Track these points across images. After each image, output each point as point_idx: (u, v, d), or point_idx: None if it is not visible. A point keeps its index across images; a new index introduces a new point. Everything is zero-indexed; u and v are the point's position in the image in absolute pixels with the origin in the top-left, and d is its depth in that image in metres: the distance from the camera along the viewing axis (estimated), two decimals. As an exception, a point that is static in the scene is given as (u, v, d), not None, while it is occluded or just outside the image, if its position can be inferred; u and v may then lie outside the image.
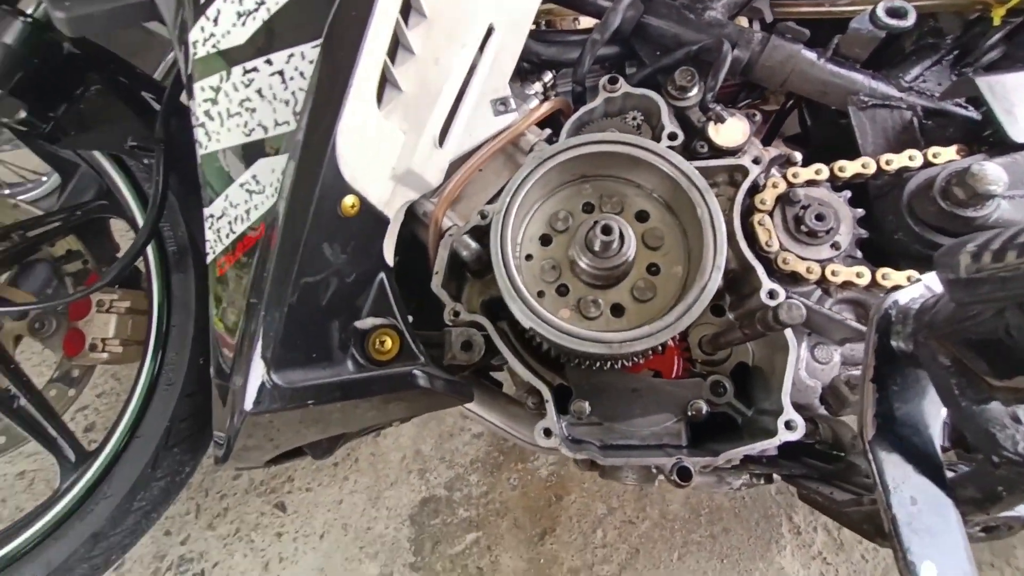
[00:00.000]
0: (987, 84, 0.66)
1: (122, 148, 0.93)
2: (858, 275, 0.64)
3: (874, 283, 0.64)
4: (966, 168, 0.59)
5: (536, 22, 0.94)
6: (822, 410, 0.69)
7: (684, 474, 0.61)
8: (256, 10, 0.58)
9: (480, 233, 0.71)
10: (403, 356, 0.66)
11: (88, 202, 1.06)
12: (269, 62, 0.59)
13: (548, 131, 0.78)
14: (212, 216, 0.64)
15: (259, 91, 0.60)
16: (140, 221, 0.97)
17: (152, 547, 1.36)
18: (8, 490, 1.47)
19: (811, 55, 0.76)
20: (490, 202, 0.75)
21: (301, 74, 0.58)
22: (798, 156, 0.75)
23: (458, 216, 0.76)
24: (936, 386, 0.38)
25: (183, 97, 0.95)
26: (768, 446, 0.61)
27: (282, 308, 0.58)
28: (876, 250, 0.71)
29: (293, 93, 0.59)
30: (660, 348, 0.71)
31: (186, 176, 0.93)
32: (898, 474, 0.41)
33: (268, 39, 0.58)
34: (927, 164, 0.67)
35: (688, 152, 0.76)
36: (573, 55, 0.82)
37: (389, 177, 0.66)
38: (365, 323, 0.66)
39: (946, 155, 0.67)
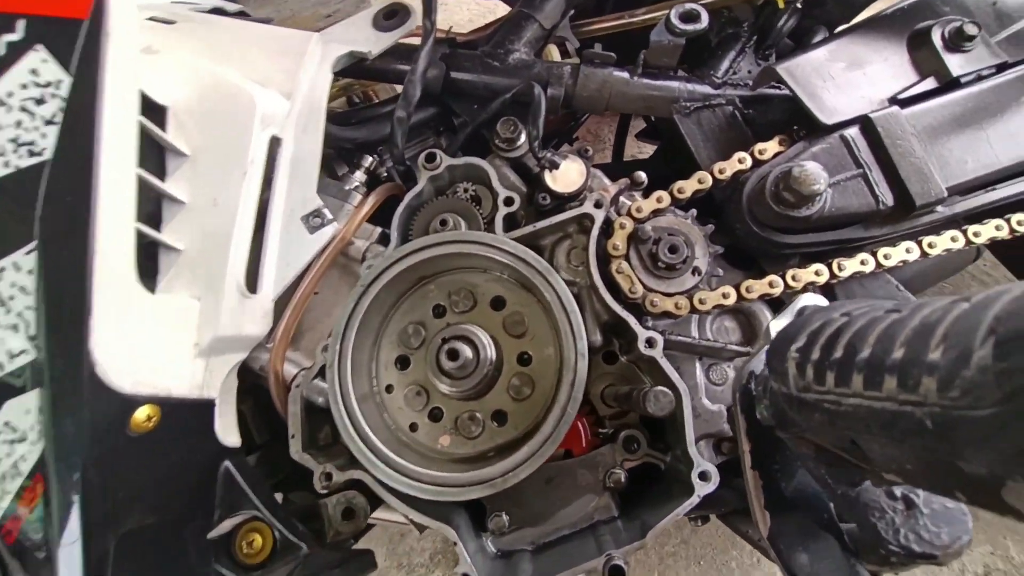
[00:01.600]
0: (787, 71, 0.65)
1: None
2: (724, 296, 0.62)
3: (741, 298, 0.62)
4: (788, 172, 0.58)
5: (334, 109, 0.86)
6: (730, 432, 0.67)
7: (617, 572, 0.56)
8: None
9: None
10: (280, 551, 0.56)
11: None
12: (-20, 283, 0.47)
13: (378, 230, 0.70)
14: None
15: (-21, 319, 0.47)
16: None
17: None
18: None
19: (623, 75, 0.73)
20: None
21: (22, 290, 0.46)
22: (642, 176, 0.72)
23: (303, 355, 0.66)
24: (808, 473, 0.35)
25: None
26: (689, 506, 0.57)
27: (103, 559, 0.47)
28: (740, 255, 0.69)
29: (20, 315, 0.46)
30: (564, 424, 0.65)
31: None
32: (804, 559, 0.37)
33: (-33, 257, 0.46)
34: (757, 162, 0.66)
35: (533, 207, 0.71)
36: (388, 130, 0.74)
37: (194, 357, 0.55)
38: (221, 528, 0.55)
39: (771, 149, 0.66)
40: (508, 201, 0.66)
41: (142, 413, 0.49)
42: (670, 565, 1.25)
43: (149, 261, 0.54)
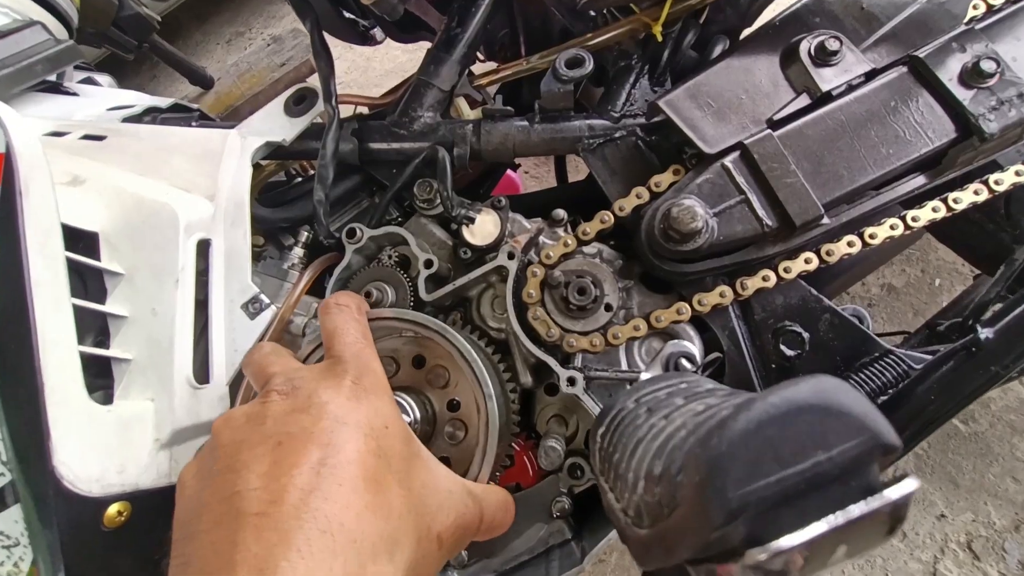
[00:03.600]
0: (668, 104, 0.68)
1: None
2: (635, 328, 0.66)
3: (652, 328, 0.66)
4: (668, 212, 0.61)
5: (271, 182, 0.91)
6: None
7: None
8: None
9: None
10: None
11: None
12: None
13: (315, 305, 0.75)
14: None
15: (-43, 453, 0.54)
16: None
17: None
18: None
19: (523, 124, 0.77)
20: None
21: (-13, 424, 0.52)
22: (561, 213, 0.77)
23: (265, 427, 0.72)
24: None
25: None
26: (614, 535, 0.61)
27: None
28: (659, 281, 0.73)
29: (-9, 444, 0.53)
30: (508, 460, 0.70)
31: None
32: None
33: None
34: (654, 195, 0.69)
35: (457, 261, 0.75)
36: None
37: (157, 450, 0.62)
38: None
39: (666, 180, 0.69)
40: (428, 264, 0.71)
41: (113, 510, 0.56)
42: (603, 550, 1.29)
43: (101, 376, 0.61)
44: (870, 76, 0.66)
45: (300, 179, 0.93)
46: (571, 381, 0.65)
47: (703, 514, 0.25)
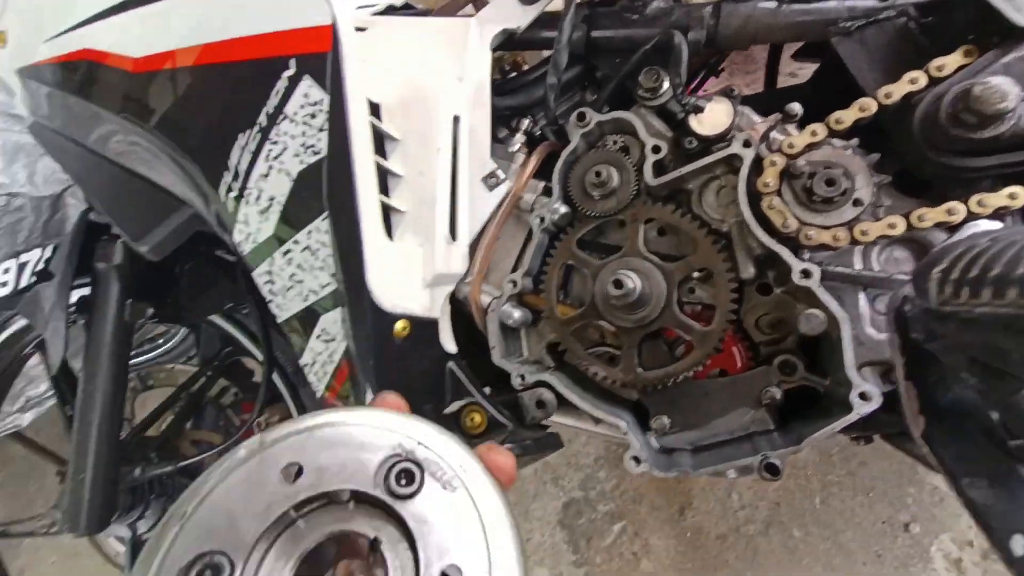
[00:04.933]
0: (976, -34, 0.59)
1: (222, 309, 1.12)
2: (890, 226, 0.62)
3: (911, 227, 0.61)
4: (968, 91, 0.54)
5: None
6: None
7: (772, 469, 0.64)
8: (271, 206, 0.70)
9: (518, 298, 0.78)
10: (492, 427, 0.75)
11: (220, 352, 1.31)
12: (296, 242, 0.70)
13: (542, 184, 0.81)
14: (306, 364, 0.77)
15: (299, 266, 0.71)
16: (259, 355, 1.16)
17: None
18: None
19: (770, 5, 0.72)
20: (515, 266, 0.81)
21: (323, 243, 0.68)
22: (796, 108, 0.72)
23: (494, 287, 0.83)
24: (966, 386, 0.38)
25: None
26: (847, 422, 0.61)
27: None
28: (913, 182, 0.66)
29: (324, 260, 0.69)
30: (717, 348, 0.72)
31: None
32: (962, 459, 0.42)
33: (288, 225, 0.69)
34: (933, 81, 0.62)
35: (681, 151, 0.75)
36: (539, 95, 0.84)
37: (423, 288, 0.75)
38: (451, 407, 0.76)
39: (952, 63, 0.61)
40: (655, 149, 0.72)
41: (400, 325, 0.71)
42: (834, 493, 1.26)
43: (386, 221, 0.74)
44: None
45: (515, 73, 0.99)
46: (806, 273, 0.63)
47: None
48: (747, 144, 0.67)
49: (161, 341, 1.88)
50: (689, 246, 0.73)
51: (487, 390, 0.77)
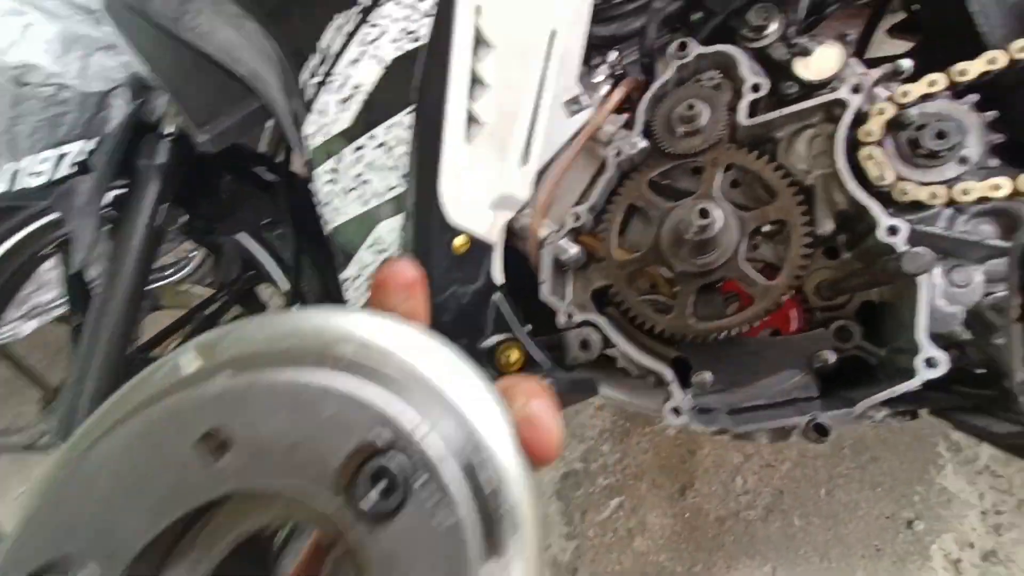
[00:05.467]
0: None
1: (258, 227, 1.08)
2: (994, 187, 0.59)
3: (1017, 192, 0.59)
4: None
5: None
6: (967, 335, 0.66)
7: (821, 430, 0.62)
8: (354, 95, 0.66)
9: (576, 234, 0.75)
10: (529, 365, 0.73)
11: (241, 276, 1.27)
12: (373, 137, 0.67)
13: (623, 117, 0.79)
14: (348, 279, 0.74)
15: (369, 164, 0.68)
16: (281, 284, 1.12)
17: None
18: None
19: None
20: (579, 201, 0.78)
21: (401, 140, 0.65)
22: (907, 64, 0.69)
23: (552, 220, 0.80)
24: None
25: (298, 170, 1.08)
26: (908, 388, 0.60)
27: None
28: (1019, 152, 0.64)
29: (398, 159, 0.66)
30: (779, 303, 0.71)
31: (313, 240, 1.05)
32: None
33: (368, 117, 0.66)
34: (1076, 41, 0.60)
35: (776, 98, 0.73)
36: (634, 26, 0.81)
37: (487, 207, 0.72)
38: (489, 341, 0.73)
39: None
40: (755, 87, 0.70)
41: (460, 239, 0.68)
42: (840, 485, 1.26)
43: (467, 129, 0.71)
44: None
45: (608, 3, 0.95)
46: (892, 230, 0.62)
47: None
48: (856, 89, 0.64)
49: (174, 268, 1.83)
50: (766, 197, 0.71)
51: (528, 327, 0.74)
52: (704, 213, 0.61)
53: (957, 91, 0.63)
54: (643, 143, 0.75)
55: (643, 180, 0.75)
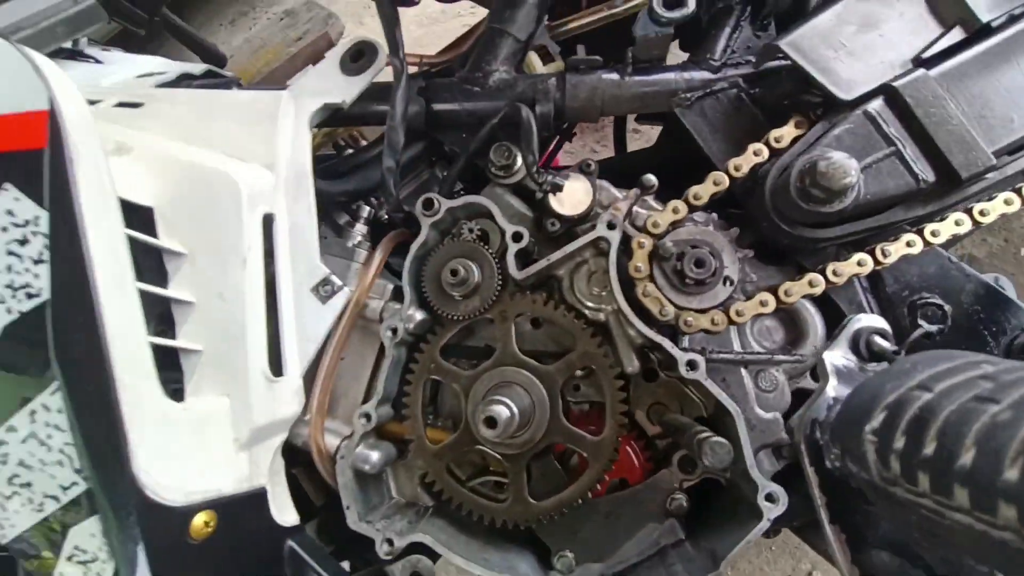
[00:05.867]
0: (791, 45, 0.60)
1: None
2: (762, 304, 0.59)
3: (780, 303, 0.59)
4: (814, 166, 0.53)
5: (323, 155, 0.83)
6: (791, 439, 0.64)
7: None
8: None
9: (375, 433, 0.62)
10: None
11: None
12: (11, 429, 0.46)
13: (391, 286, 0.67)
14: None
15: (21, 463, 0.47)
16: None
17: None
18: None
19: (613, 76, 0.68)
20: (366, 395, 0.65)
21: (56, 428, 0.45)
22: (651, 180, 0.68)
23: (342, 423, 0.65)
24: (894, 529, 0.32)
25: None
26: (760, 531, 0.55)
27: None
28: (770, 250, 0.65)
29: (61, 451, 0.46)
30: (613, 458, 0.63)
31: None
32: None
33: (-7, 406, 0.45)
34: (775, 152, 0.61)
35: (543, 233, 0.67)
36: (379, 176, 0.71)
37: (237, 451, 0.55)
38: None
39: (788, 135, 0.61)
40: (516, 237, 0.63)
41: (199, 520, 0.49)
42: (738, 555, 1.24)
43: (172, 369, 0.53)
44: (1036, 3, 0.57)
45: (352, 150, 0.85)
46: (692, 365, 0.57)
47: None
48: (611, 226, 0.60)
49: None
50: (567, 337, 0.64)
51: (346, 566, 0.58)
52: (490, 422, 0.50)
53: (698, 210, 0.62)
54: (420, 315, 0.65)
55: (434, 351, 0.64)
